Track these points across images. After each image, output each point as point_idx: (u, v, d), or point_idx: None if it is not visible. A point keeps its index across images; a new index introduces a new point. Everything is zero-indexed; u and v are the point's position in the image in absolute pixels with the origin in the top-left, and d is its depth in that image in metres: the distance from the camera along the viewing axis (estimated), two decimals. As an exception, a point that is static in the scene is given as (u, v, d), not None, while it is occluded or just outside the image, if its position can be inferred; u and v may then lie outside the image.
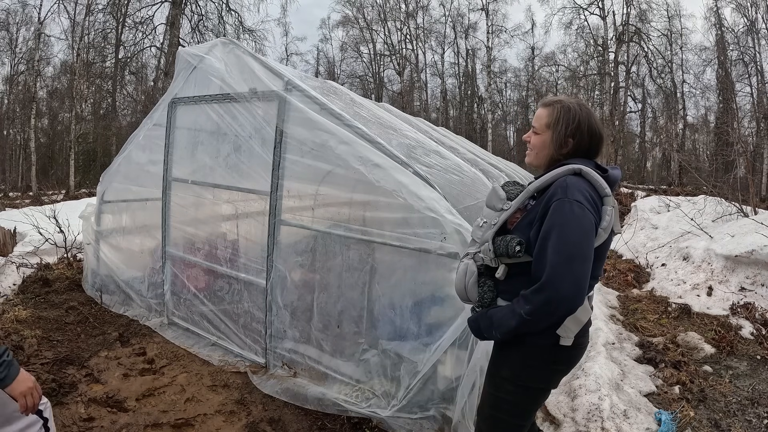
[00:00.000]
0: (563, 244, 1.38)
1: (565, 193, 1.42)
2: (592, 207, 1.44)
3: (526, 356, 1.56)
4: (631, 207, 9.26)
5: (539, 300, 1.39)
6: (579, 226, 1.40)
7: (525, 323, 1.44)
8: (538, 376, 1.58)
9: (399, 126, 3.43)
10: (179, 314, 3.73)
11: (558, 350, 1.54)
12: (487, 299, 1.58)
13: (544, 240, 1.42)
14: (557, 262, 1.37)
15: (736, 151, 9.41)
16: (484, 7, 22.23)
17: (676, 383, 3.11)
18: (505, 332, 1.50)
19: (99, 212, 4.36)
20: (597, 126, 1.61)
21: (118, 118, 19.84)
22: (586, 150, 1.60)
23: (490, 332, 1.55)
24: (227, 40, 3.42)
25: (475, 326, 1.62)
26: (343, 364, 2.81)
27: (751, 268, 4.50)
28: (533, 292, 1.41)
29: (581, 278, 1.39)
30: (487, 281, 1.59)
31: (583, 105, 1.62)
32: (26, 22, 18.48)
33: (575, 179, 1.47)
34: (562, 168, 1.51)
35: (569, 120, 1.57)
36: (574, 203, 1.41)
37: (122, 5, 18.65)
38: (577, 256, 1.38)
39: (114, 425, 2.51)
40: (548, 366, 1.57)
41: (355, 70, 26.01)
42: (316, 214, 3.01)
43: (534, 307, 1.40)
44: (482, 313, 1.59)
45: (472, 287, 1.59)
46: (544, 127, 1.62)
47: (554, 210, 1.42)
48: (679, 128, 20.29)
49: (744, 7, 18.08)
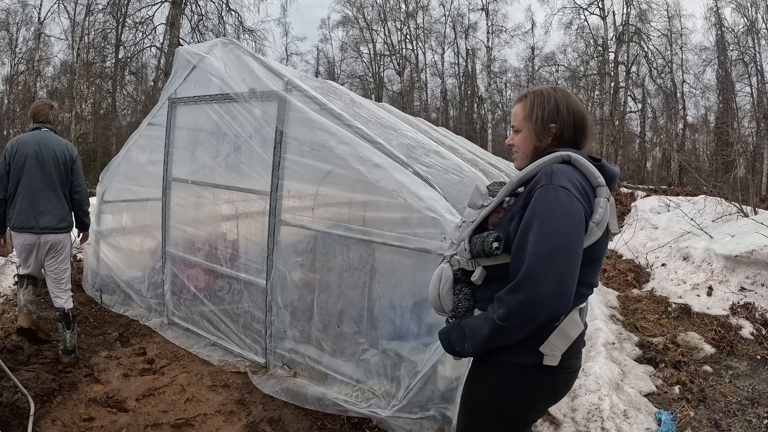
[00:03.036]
0: (546, 235, 1.17)
1: (550, 180, 1.23)
2: (582, 196, 1.24)
3: (501, 378, 1.34)
4: (631, 207, 9.26)
5: (515, 300, 1.17)
6: (565, 215, 1.19)
7: (499, 332, 1.22)
8: (516, 403, 1.35)
9: (399, 126, 3.43)
10: (179, 314, 3.74)
11: (541, 373, 1.31)
12: (461, 308, 1.36)
13: (525, 232, 1.21)
14: (538, 255, 1.16)
15: (736, 151, 9.41)
16: (484, 7, 22.24)
17: (676, 383, 3.11)
18: (478, 344, 1.28)
19: (99, 212, 4.36)
20: (578, 106, 1.42)
21: (118, 118, 19.84)
22: (572, 134, 1.41)
23: (462, 345, 1.32)
24: (227, 40, 3.42)
25: (446, 339, 1.39)
26: (343, 364, 2.81)
27: (751, 268, 4.50)
28: (508, 292, 1.20)
29: (566, 275, 1.17)
30: (464, 288, 1.38)
31: (558, 88, 1.46)
32: (26, 22, 18.51)
33: (563, 166, 1.28)
34: (549, 156, 1.32)
35: (544, 103, 1.40)
36: (560, 189, 1.21)
37: (122, 5, 18.66)
38: (562, 249, 1.17)
39: (114, 425, 2.52)
40: (529, 391, 1.34)
41: (355, 70, 26.03)
42: (316, 214, 3.01)
43: (508, 310, 1.18)
44: (454, 324, 1.37)
45: (446, 295, 1.39)
46: (522, 122, 1.45)
47: (537, 197, 1.23)
48: (679, 128, 20.30)
49: (744, 7, 18.10)
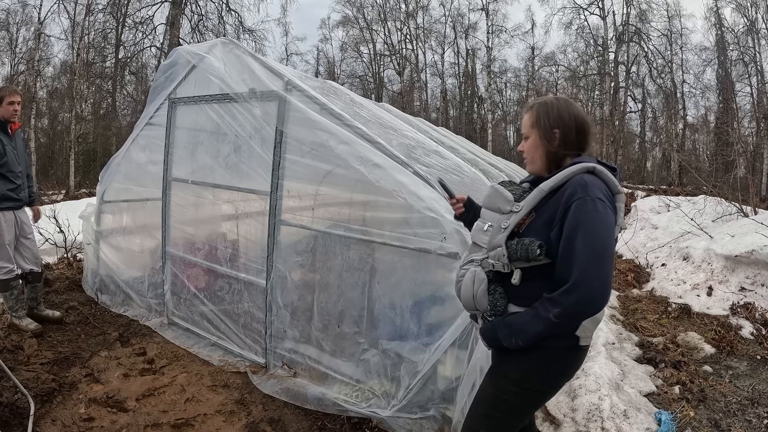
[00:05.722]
0: (591, 243, 1.36)
1: (586, 191, 1.40)
2: (611, 204, 1.43)
3: (540, 359, 1.51)
4: (631, 207, 9.25)
5: (569, 301, 1.36)
6: (604, 224, 1.38)
7: (553, 327, 1.40)
8: (549, 379, 1.55)
9: (399, 126, 3.43)
10: (179, 314, 3.74)
11: (574, 352, 1.52)
12: (500, 306, 1.52)
13: (570, 240, 1.38)
14: (586, 261, 1.35)
15: (736, 151, 9.42)
16: (484, 7, 22.23)
17: (676, 383, 3.11)
18: (529, 339, 1.45)
19: (99, 212, 4.36)
20: (579, 112, 1.59)
21: (118, 118, 19.84)
22: (575, 138, 1.57)
23: (510, 340, 1.48)
24: (227, 40, 3.42)
25: (491, 335, 1.54)
26: (343, 364, 2.81)
27: (751, 268, 4.50)
28: (563, 294, 1.37)
29: (609, 277, 1.38)
30: (498, 288, 1.53)
31: (561, 97, 1.63)
32: (26, 22, 18.47)
33: (593, 177, 1.45)
34: (576, 166, 1.47)
35: (548, 111, 1.57)
36: (597, 201, 1.39)
37: (122, 5, 18.66)
38: (605, 254, 1.37)
39: (114, 425, 2.51)
40: (562, 369, 1.55)
41: (355, 70, 26.04)
42: (316, 214, 3.01)
43: (564, 309, 1.37)
44: (498, 321, 1.52)
45: (482, 296, 1.52)
46: (530, 129, 1.62)
47: (577, 209, 1.39)
48: (679, 128, 20.30)
49: (744, 7, 18.10)
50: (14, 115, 3.46)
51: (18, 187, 3.47)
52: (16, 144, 3.52)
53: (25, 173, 3.61)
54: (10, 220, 3.46)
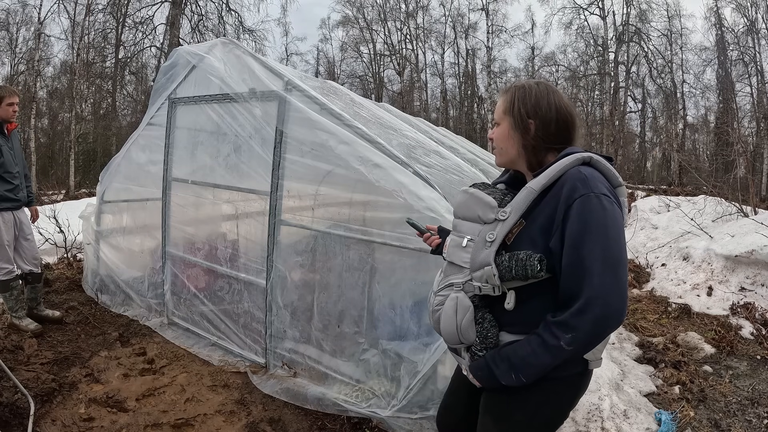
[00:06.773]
0: (603, 249, 1.11)
1: (588, 187, 1.15)
2: (615, 199, 1.20)
3: (551, 392, 1.27)
4: (631, 207, 9.26)
5: (584, 323, 1.10)
6: (613, 223, 1.14)
7: (564, 356, 1.15)
8: (564, 410, 1.34)
9: (399, 126, 3.43)
10: (179, 314, 3.74)
11: (584, 377, 1.30)
12: (492, 337, 1.25)
13: (577, 248, 1.13)
14: (601, 272, 1.10)
15: (736, 151, 9.41)
16: (484, 7, 22.24)
17: (676, 383, 3.11)
18: (535, 373, 1.19)
19: (99, 212, 4.36)
20: (561, 102, 1.31)
21: (118, 118, 19.84)
22: (556, 131, 1.30)
23: (509, 377, 1.21)
24: (227, 40, 3.42)
25: (486, 374, 1.26)
26: (343, 364, 2.81)
27: (751, 268, 4.51)
28: (574, 316, 1.11)
29: (626, 283, 1.15)
30: (486, 315, 1.26)
31: (543, 83, 1.36)
32: (26, 22, 18.46)
33: (591, 170, 1.20)
34: (569, 158, 1.21)
35: (525, 97, 1.30)
36: (602, 197, 1.14)
37: (122, 5, 18.65)
38: (621, 260, 1.13)
39: (114, 425, 2.51)
40: (573, 397, 1.33)
41: (355, 70, 26.02)
42: (316, 214, 3.01)
43: (579, 333, 1.11)
44: (492, 356, 1.25)
45: (468, 326, 1.25)
46: (502, 115, 1.36)
47: (581, 209, 1.14)
48: (679, 128, 20.30)
49: (744, 7, 18.09)
50: (13, 115, 3.47)
51: (16, 187, 3.48)
52: (12, 144, 3.53)
53: (23, 173, 3.62)
54: (9, 221, 3.46)
